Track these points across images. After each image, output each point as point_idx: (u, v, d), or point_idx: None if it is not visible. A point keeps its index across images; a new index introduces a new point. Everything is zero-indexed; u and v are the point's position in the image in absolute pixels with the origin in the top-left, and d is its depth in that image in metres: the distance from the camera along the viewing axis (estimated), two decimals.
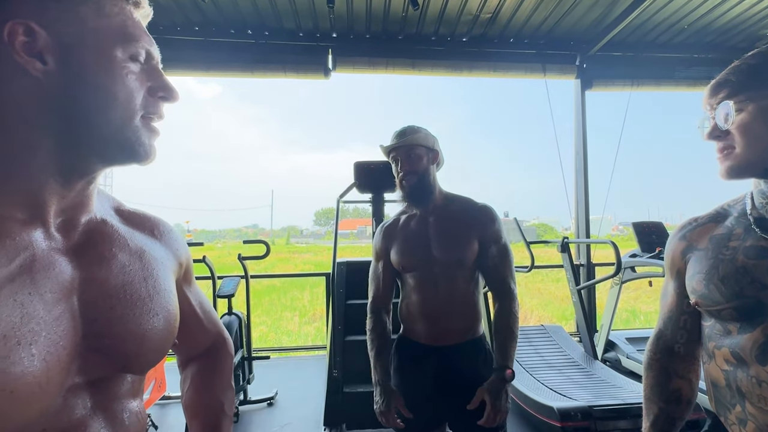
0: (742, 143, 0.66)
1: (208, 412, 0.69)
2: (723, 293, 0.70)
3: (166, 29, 3.71)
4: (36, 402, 0.40)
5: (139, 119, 0.48)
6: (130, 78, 0.47)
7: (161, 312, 0.53)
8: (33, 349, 0.39)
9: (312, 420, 2.66)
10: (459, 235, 1.33)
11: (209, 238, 57.13)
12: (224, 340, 0.77)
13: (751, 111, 0.65)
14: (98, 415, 0.47)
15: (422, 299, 1.35)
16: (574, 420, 2.11)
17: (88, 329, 0.46)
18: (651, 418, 0.86)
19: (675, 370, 0.85)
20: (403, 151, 1.36)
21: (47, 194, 0.45)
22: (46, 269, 0.43)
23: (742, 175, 0.69)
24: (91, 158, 0.47)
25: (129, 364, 0.50)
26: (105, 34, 0.46)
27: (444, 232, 1.35)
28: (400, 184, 1.38)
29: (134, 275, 0.51)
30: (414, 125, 1.41)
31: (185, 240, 0.67)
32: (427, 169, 1.37)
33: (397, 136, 1.39)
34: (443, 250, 1.33)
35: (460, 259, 1.32)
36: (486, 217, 1.35)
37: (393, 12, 3.56)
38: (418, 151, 1.36)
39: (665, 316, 0.87)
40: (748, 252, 0.69)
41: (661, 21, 3.78)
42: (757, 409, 0.66)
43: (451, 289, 1.32)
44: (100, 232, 0.51)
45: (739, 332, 0.69)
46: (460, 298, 1.33)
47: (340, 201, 3.13)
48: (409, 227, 1.41)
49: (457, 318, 1.33)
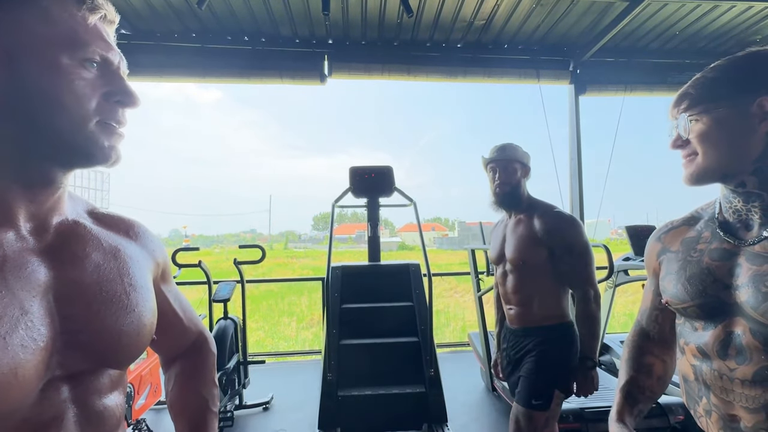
0: (701, 151, 0.70)
1: (193, 410, 0.70)
2: (689, 292, 0.73)
3: (163, 36, 3.74)
4: (13, 392, 0.41)
5: (95, 124, 0.48)
6: (79, 84, 0.47)
7: (138, 308, 0.54)
8: (6, 341, 0.41)
9: (307, 424, 2.67)
10: (528, 238, 1.56)
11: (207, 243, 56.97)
12: (205, 338, 0.78)
13: (706, 122, 0.69)
14: (77, 407, 0.49)
15: (502, 289, 1.67)
16: (566, 422, 2.12)
17: (65, 326, 0.47)
18: (621, 383, 0.90)
19: (649, 349, 0.91)
20: (501, 164, 1.61)
21: (12, 199, 0.46)
22: (17, 269, 0.45)
23: (704, 181, 0.72)
24: (47, 163, 0.48)
25: (107, 359, 0.52)
26: (50, 42, 0.45)
27: (516, 235, 1.60)
28: (494, 191, 1.64)
29: (109, 273, 0.53)
30: (513, 143, 1.66)
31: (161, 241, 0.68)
32: (519, 181, 1.62)
33: (498, 150, 1.64)
34: (511, 250, 1.60)
35: (524, 259, 1.56)
36: (554, 227, 1.54)
37: (388, 18, 3.60)
38: (515, 165, 1.62)
39: (642, 311, 0.95)
40: (712, 254, 0.73)
41: (653, 27, 3.83)
42: (720, 399, 0.70)
43: (521, 283, 1.58)
44: (73, 232, 0.52)
45: (704, 329, 0.73)
46: (530, 292, 1.57)
47: (335, 206, 3.15)
48: (498, 229, 1.73)
49: (526, 307, 1.58)
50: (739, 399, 0.66)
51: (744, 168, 0.68)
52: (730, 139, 0.68)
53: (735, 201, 0.72)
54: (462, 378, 3.37)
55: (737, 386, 0.66)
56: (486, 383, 3.16)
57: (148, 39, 3.69)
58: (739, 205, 0.72)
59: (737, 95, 0.67)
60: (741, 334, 0.66)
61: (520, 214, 1.62)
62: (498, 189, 1.62)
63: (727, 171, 0.69)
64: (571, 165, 4.39)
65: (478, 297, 3.27)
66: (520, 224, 1.61)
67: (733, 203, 0.73)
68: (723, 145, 0.68)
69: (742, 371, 0.66)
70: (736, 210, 0.72)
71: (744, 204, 0.71)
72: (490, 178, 1.65)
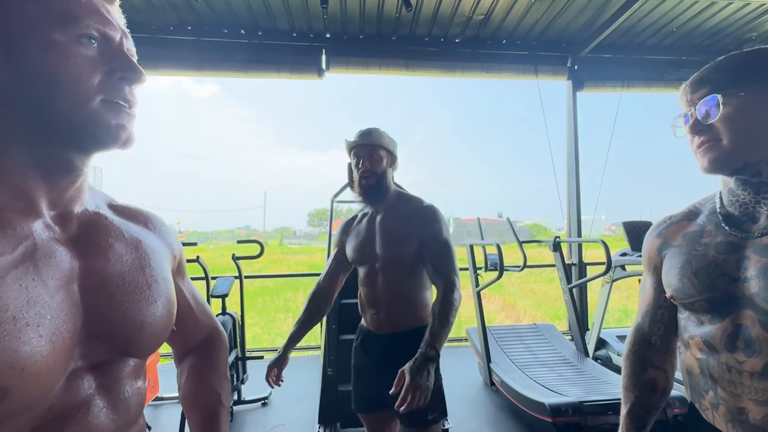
0: (728, 135, 0.68)
1: (205, 404, 0.70)
2: (696, 286, 0.73)
3: (158, 29, 3.69)
4: (43, 381, 0.41)
5: (98, 103, 0.46)
6: (76, 62, 0.45)
7: (159, 299, 0.54)
8: (40, 330, 0.41)
9: (306, 420, 2.67)
10: (401, 234, 1.42)
11: (201, 239, 56.69)
12: (219, 332, 0.78)
13: (735, 105, 0.68)
14: (101, 395, 0.49)
15: (367, 291, 1.47)
16: (564, 415, 2.14)
17: (88, 316, 0.47)
18: (628, 406, 0.89)
19: (651, 360, 0.89)
20: (366, 150, 1.43)
21: (32, 186, 0.46)
22: (47, 257, 0.44)
23: (723, 168, 0.71)
24: (59, 148, 0.47)
25: (130, 349, 0.51)
26: (40, 18, 0.43)
27: (388, 231, 1.44)
28: (358, 182, 1.45)
29: (131, 264, 0.53)
30: (378, 128, 1.48)
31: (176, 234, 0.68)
32: (385, 171, 1.45)
33: (362, 135, 1.46)
34: (385, 247, 1.43)
35: (398, 257, 1.41)
36: (426, 218, 1.41)
37: (386, 13, 3.58)
38: (381, 153, 1.44)
39: (643, 311, 0.91)
40: (718, 247, 0.72)
41: (650, 24, 3.84)
42: (728, 393, 0.69)
43: (393, 283, 1.42)
44: (96, 223, 0.52)
45: (710, 322, 0.72)
46: (401, 292, 1.42)
47: (334, 201, 3.14)
48: (362, 224, 1.51)
49: (397, 310, 1.43)
50: (748, 392, 0.66)
51: (763, 156, 0.68)
52: (757, 124, 0.67)
53: (743, 194, 0.72)
54: (460, 373, 3.38)
55: (746, 379, 0.66)
56: (484, 378, 3.18)
57: (143, 32, 3.64)
58: (748, 197, 0.71)
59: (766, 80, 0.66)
60: (750, 327, 0.66)
61: (389, 208, 1.45)
62: (363, 179, 1.42)
63: (748, 158, 0.69)
64: (568, 161, 4.40)
65: (477, 292, 3.29)
66: (391, 218, 1.44)
67: (739, 196, 0.72)
68: (751, 130, 0.67)
69: (751, 364, 0.66)
70: (742, 203, 0.72)
71: (754, 195, 0.71)
72: (353, 166, 1.47)
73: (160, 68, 3.74)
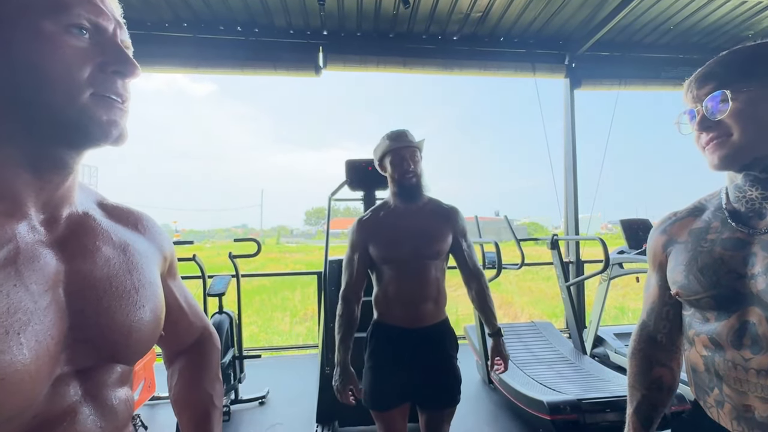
0: (738, 130, 0.67)
1: (197, 405, 0.69)
2: (702, 283, 0.72)
3: (154, 25, 3.66)
4: (26, 390, 0.40)
5: (89, 97, 0.44)
6: (66, 53, 0.42)
7: (147, 304, 0.53)
8: (21, 338, 0.39)
9: (303, 419, 2.66)
10: (440, 229, 1.52)
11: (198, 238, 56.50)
12: (210, 333, 0.76)
13: (744, 100, 0.67)
14: (88, 403, 0.47)
15: (401, 287, 1.49)
16: (563, 413, 2.14)
17: (74, 320, 0.45)
18: (634, 404, 0.89)
19: (657, 358, 0.88)
20: (409, 151, 1.50)
21: (21, 186, 0.44)
22: (30, 261, 0.43)
23: (733, 164, 0.70)
24: (49, 145, 0.45)
25: (117, 354, 0.50)
26: (28, 5, 0.41)
27: (425, 228, 1.50)
28: (399, 181, 1.49)
29: (119, 268, 0.51)
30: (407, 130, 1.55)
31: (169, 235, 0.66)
32: (422, 171, 1.54)
33: (400, 137, 1.52)
34: (428, 242, 1.49)
35: (438, 251, 1.50)
36: (457, 215, 1.57)
37: (384, 10, 3.56)
38: (419, 154, 1.53)
39: (648, 308, 0.90)
40: (725, 244, 0.72)
41: (647, 22, 3.84)
42: (733, 390, 0.69)
43: (427, 277, 1.49)
44: (83, 225, 0.50)
45: (716, 319, 0.72)
46: (434, 285, 1.50)
47: (332, 199, 3.12)
48: (389, 222, 1.52)
49: (431, 303, 1.50)
50: (754, 389, 0.66)
51: None
52: (766, 118, 0.66)
53: (750, 189, 0.71)
54: None
55: (752, 376, 0.66)
56: (482, 376, 3.18)
57: (139, 28, 3.60)
58: (755, 193, 0.70)
59: None
60: (756, 324, 0.66)
61: (419, 207, 1.52)
62: (406, 179, 1.48)
63: (758, 153, 0.68)
64: (566, 159, 4.40)
65: None
66: (424, 217, 1.51)
67: (746, 192, 0.72)
68: (761, 124, 0.66)
69: (758, 361, 0.65)
70: (750, 199, 0.71)
71: (762, 191, 0.70)
72: (389, 166, 1.51)
73: (155, 65, 3.71)
